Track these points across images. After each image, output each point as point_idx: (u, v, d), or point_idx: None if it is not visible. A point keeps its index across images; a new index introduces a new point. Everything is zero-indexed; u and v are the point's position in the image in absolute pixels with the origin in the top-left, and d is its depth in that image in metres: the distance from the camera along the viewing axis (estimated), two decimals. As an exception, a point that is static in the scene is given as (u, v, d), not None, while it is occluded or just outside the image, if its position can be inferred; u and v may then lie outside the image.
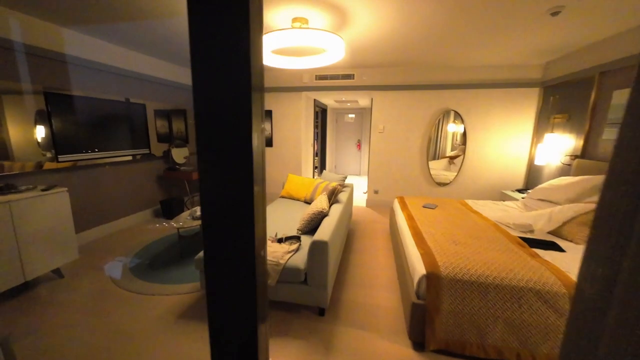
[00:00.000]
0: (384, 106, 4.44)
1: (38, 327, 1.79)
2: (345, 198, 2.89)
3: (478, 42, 2.96)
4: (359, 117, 7.85)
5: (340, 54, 2.52)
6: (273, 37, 2.17)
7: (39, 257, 2.14)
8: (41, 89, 2.58)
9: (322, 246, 1.78)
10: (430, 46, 3.14)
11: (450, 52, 3.35)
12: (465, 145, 4.27)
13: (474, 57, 3.51)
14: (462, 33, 2.71)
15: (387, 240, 3.29)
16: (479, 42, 2.94)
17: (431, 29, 2.64)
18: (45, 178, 2.67)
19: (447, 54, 3.41)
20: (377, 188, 4.73)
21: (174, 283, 2.30)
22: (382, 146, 4.56)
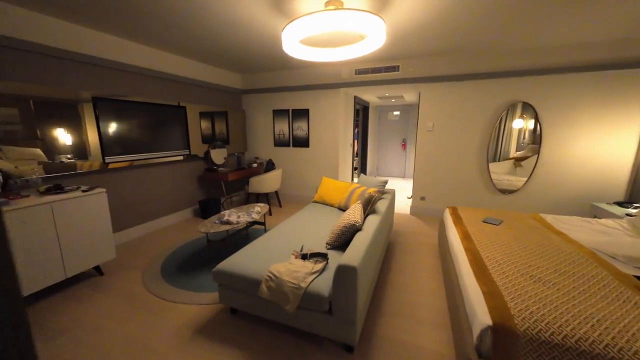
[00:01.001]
0: (434, 101, 3.86)
1: (69, 327, 1.82)
2: (384, 207, 2.49)
3: (561, 14, 2.28)
4: (405, 114, 7.21)
5: (381, 38, 2.13)
6: (301, 24, 1.89)
7: (78, 255, 2.22)
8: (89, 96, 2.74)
9: (349, 273, 1.45)
10: (494, 26, 2.54)
11: (521, 31, 2.69)
12: (539, 144, 3.47)
13: (555, 34, 2.77)
14: (539, 4, 2.09)
15: (435, 258, 2.79)
16: (562, 13, 2.26)
17: (496, 4, 2.08)
18: (92, 179, 2.84)
19: (517, 33, 2.74)
20: (424, 194, 4.16)
21: (198, 290, 2.20)
22: (431, 146, 3.99)
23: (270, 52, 3.47)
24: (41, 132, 2.47)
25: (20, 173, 2.28)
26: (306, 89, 4.51)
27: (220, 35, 2.85)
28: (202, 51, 3.45)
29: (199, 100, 4.12)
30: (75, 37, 2.59)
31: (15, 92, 2.27)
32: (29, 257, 1.92)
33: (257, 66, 4.29)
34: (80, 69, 2.69)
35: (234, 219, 2.66)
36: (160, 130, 3.50)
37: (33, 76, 2.38)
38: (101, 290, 2.24)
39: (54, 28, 2.43)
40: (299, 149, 4.82)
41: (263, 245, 2.06)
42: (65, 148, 2.64)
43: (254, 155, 5.22)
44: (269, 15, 2.36)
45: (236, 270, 1.74)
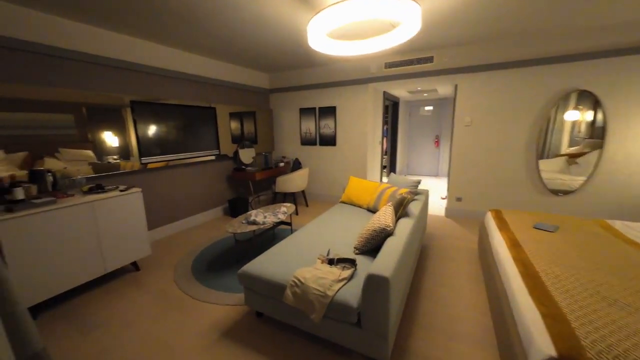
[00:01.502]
0: (473, 93, 3.53)
1: (106, 321, 1.91)
2: (417, 209, 2.30)
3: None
4: (438, 109, 6.78)
5: (416, 25, 1.95)
6: (329, 14, 1.79)
7: (117, 252, 2.35)
8: (128, 100, 2.90)
9: (380, 284, 1.32)
10: (550, 3, 2.21)
11: (582, 7, 2.31)
12: (602, 139, 3.00)
13: (627, 7, 2.34)
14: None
15: (476, 265, 2.53)
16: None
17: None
18: (132, 178, 3.00)
19: (576, 10, 2.36)
20: (461, 195, 3.84)
21: (225, 290, 2.21)
22: (469, 142, 3.66)
23: (296, 49, 3.41)
24: (92, 135, 2.66)
25: (67, 173, 2.46)
26: (333, 85, 4.40)
27: (247, 34, 2.84)
28: (231, 52, 3.49)
29: (228, 101, 4.20)
30: (116, 44, 2.74)
31: (70, 99, 2.47)
32: (72, 253, 2.05)
33: (284, 64, 4.27)
34: (121, 75, 2.85)
35: (260, 219, 2.64)
36: (192, 131, 3.62)
37: (85, 83, 2.56)
38: (137, 286, 2.34)
39: (99, 37, 2.59)
40: (326, 147, 4.73)
41: (288, 248, 2.00)
42: (112, 149, 2.83)
43: (280, 155, 5.23)
44: (294, 9, 2.28)
45: (261, 274, 1.69)
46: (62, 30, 2.37)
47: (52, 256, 1.93)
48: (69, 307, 2.07)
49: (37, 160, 2.31)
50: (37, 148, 2.31)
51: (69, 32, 2.42)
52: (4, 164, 2.13)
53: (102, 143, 2.74)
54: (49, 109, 2.35)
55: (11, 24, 2.10)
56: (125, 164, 2.93)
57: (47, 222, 1.90)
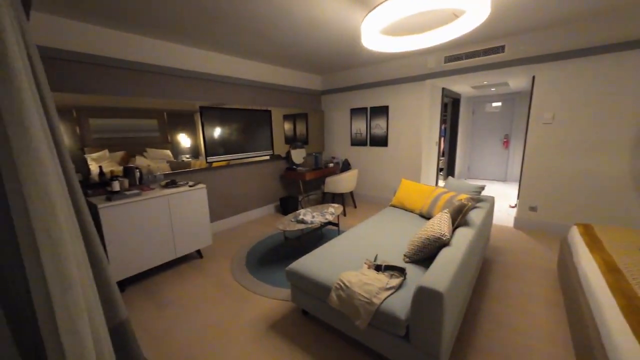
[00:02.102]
0: (555, 84, 3.00)
1: (174, 300, 2.19)
2: (479, 219, 2.05)
3: None
4: (509, 105, 5.97)
5: (484, 11, 1.74)
6: (384, 9, 1.71)
7: (185, 240, 2.66)
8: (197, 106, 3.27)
9: (433, 299, 1.20)
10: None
11: None
12: None
13: None
14: None
15: (554, 289, 2.14)
16: None
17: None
18: (199, 176, 3.38)
19: None
20: (535, 203, 3.30)
21: (274, 285, 2.32)
22: (549, 142, 3.12)
23: (349, 49, 3.38)
24: (170, 137, 3.09)
25: (151, 170, 2.89)
26: (386, 84, 4.24)
27: (301, 38, 2.93)
28: (286, 57, 3.65)
29: (283, 103, 4.41)
30: (189, 57, 3.12)
31: (155, 107, 2.91)
32: (152, 238, 2.40)
33: (336, 65, 4.28)
34: (193, 83, 3.23)
35: (309, 218, 2.69)
36: (250, 133, 3.91)
37: (166, 93, 3.00)
38: (200, 271, 2.62)
39: (176, 52, 2.99)
40: (377, 148, 4.59)
41: (335, 249, 1.99)
42: (185, 150, 3.24)
43: (330, 155, 5.26)
44: (347, 8, 2.26)
45: (307, 273, 1.72)
46: (148, 48, 2.80)
47: (136, 239, 2.30)
48: (148, 284, 2.43)
49: (130, 158, 2.78)
50: (131, 148, 2.78)
51: (154, 49, 2.84)
52: (108, 161, 2.61)
53: (177, 144, 3.16)
54: (139, 115, 2.81)
55: (108, 45, 2.57)
56: (194, 163, 3.32)
57: (134, 211, 2.26)
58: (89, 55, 2.43)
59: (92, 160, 2.53)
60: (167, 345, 1.73)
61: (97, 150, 2.56)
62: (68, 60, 2.33)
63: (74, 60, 2.37)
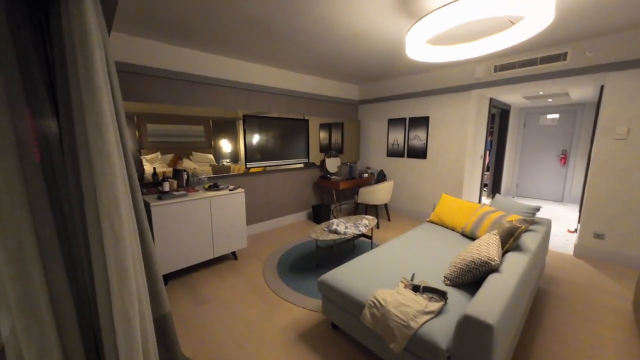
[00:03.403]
0: (631, 95, 2.62)
1: (210, 298, 2.28)
2: (535, 244, 1.84)
3: None
4: (568, 117, 5.37)
5: (548, 17, 1.59)
6: (431, 20, 1.66)
7: (223, 241, 2.79)
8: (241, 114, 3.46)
9: (482, 331, 1.09)
10: None
11: None
12: None
13: None
14: None
15: (629, 334, 1.81)
16: None
17: None
18: (237, 180, 3.54)
19: None
20: (603, 230, 2.88)
21: (304, 294, 2.30)
22: (622, 160, 2.72)
23: (390, 58, 3.33)
24: (214, 142, 3.31)
25: (196, 172, 3.10)
26: (427, 94, 4.08)
27: (343, 48, 2.96)
28: (326, 67, 3.71)
29: (319, 113, 4.48)
30: (235, 69, 3.33)
31: (202, 114, 3.15)
32: (194, 237, 2.55)
33: (376, 75, 4.25)
34: (237, 94, 3.43)
35: (342, 229, 2.65)
36: (287, 141, 4.02)
37: (213, 102, 3.23)
38: (234, 273, 2.71)
39: (223, 64, 3.21)
40: (415, 160, 4.41)
41: (369, 263, 1.92)
42: (226, 154, 3.43)
43: (365, 165, 5.18)
44: (392, 19, 2.24)
45: (340, 286, 1.68)
46: (201, 61, 3.05)
47: (180, 237, 2.46)
48: (188, 280, 2.57)
49: (178, 161, 3.02)
50: (180, 151, 3.02)
51: (206, 62, 3.08)
52: (159, 162, 2.86)
53: (220, 149, 3.36)
54: (189, 122, 3.05)
55: (167, 59, 2.84)
56: (234, 167, 3.49)
57: (180, 211, 2.43)
58: (151, 68, 2.71)
59: (146, 162, 2.79)
60: (201, 340, 1.80)
61: (151, 153, 2.82)
62: (134, 72, 2.63)
63: (140, 73, 2.66)
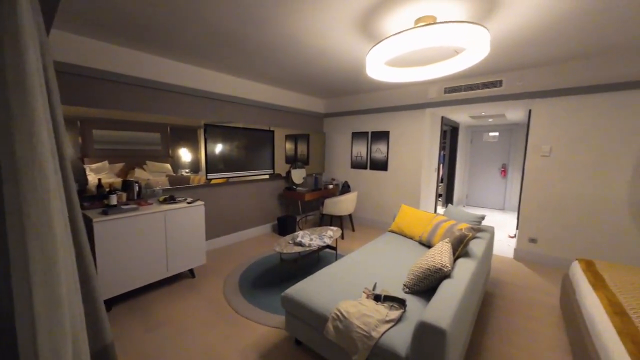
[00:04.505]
0: (552, 119, 3.09)
1: (164, 322, 2.08)
2: (481, 250, 2.02)
3: None
4: (506, 135, 6.12)
5: (484, 51, 1.83)
6: (388, 44, 1.80)
7: (178, 258, 2.59)
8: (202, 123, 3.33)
9: (436, 336, 1.15)
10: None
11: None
12: None
13: None
14: None
15: (558, 328, 2.06)
16: None
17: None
18: (197, 192, 3.36)
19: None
20: (535, 235, 3.28)
21: (268, 310, 2.22)
22: (548, 175, 3.16)
23: (353, 76, 3.51)
24: (172, 151, 3.11)
25: (150, 184, 2.87)
26: (388, 110, 4.36)
27: (309, 64, 3.05)
28: (292, 81, 3.77)
29: (285, 124, 4.49)
30: (198, 77, 3.21)
31: (159, 120, 2.96)
32: (145, 255, 2.33)
33: (340, 90, 4.42)
34: (199, 102, 3.30)
35: (307, 241, 2.64)
36: (252, 152, 3.94)
37: (172, 110, 3.05)
38: (192, 292, 2.52)
39: (184, 71, 3.08)
40: (377, 172, 4.62)
41: (333, 275, 1.93)
42: (185, 164, 3.25)
43: (330, 176, 5.28)
44: (356, 40, 2.38)
45: (303, 300, 1.65)
46: (159, 66, 2.89)
47: (128, 256, 2.23)
48: (136, 303, 2.32)
49: (130, 171, 2.77)
50: (131, 160, 2.78)
51: (165, 68, 2.93)
52: (107, 172, 2.60)
53: (178, 158, 3.17)
54: (143, 128, 2.84)
55: (120, 62, 2.65)
56: (194, 178, 3.31)
57: (129, 226, 2.21)
58: (101, 71, 2.49)
59: (91, 171, 2.51)
60: (149, 373, 1.62)
61: (98, 161, 2.56)
62: (81, 75, 2.39)
63: (88, 76, 2.43)
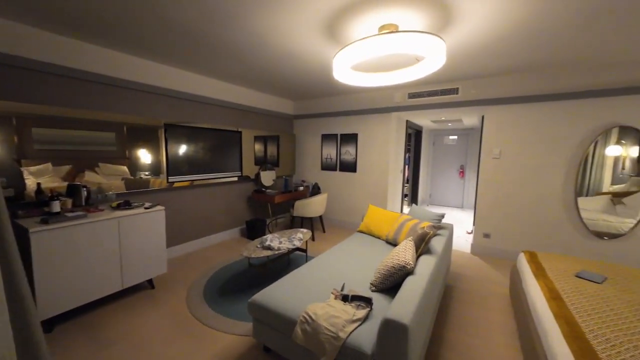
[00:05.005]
0: (502, 125, 3.40)
1: (119, 339, 1.90)
2: (441, 246, 2.15)
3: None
4: (463, 139, 6.60)
5: (441, 60, 1.95)
6: (353, 49, 1.85)
7: (135, 268, 2.39)
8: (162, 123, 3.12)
9: (398, 331, 1.20)
10: (589, 37, 2.14)
11: (624, 41, 2.21)
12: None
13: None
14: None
15: (508, 315, 2.27)
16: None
17: (591, 10, 1.74)
18: (159, 196, 3.14)
19: (619, 43, 2.26)
20: (489, 231, 3.58)
21: (236, 318, 2.14)
22: (498, 176, 3.47)
23: (322, 79, 3.54)
24: (129, 153, 2.87)
25: (102, 188, 2.62)
26: (356, 113, 4.47)
27: (276, 65, 3.01)
28: (260, 81, 3.70)
29: (254, 125, 4.39)
30: (158, 73, 3.01)
31: (114, 119, 2.72)
32: (94, 267, 2.12)
33: (309, 93, 4.43)
34: (160, 100, 3.10)
35: (276, 244, 2.60)
36: (218, 153, 3.79)
37: (128, 108, 2.82)
38: (151, 304, 2.34)
39: (144, 67, 2.87)
40: (346, 173, 4.71)
41: (302, 278, 1.92)
42: (145, 166, 3.03)
43: (300, 179, 5.27)
44: (322, 43, 2.40)
45: (271, 305, 1.62)
46: (114, 61, 2.66)
47: (75, 269, 2.01)
48: (87, 320, 2.10)
49: (79, 174, 2.50)
50: (80, 162, 2.51)
51: (121, 63, 2.70)
52: (50, 176, 2.32)
53: (137, 160, 2.94)
54: (94, 127, 2.59)
55: (68, 55, 2.39)
56: (154, 181, 3.09)
57: (75, 236, 1.99)
58: (37, 62, 2.22)
59: (29, 174, 2.23)
60: (100, 398, 1.47)
61: (38, 163, 2.28)
62: (11, 65, 2.11)
63: (18, 66, 2.14)
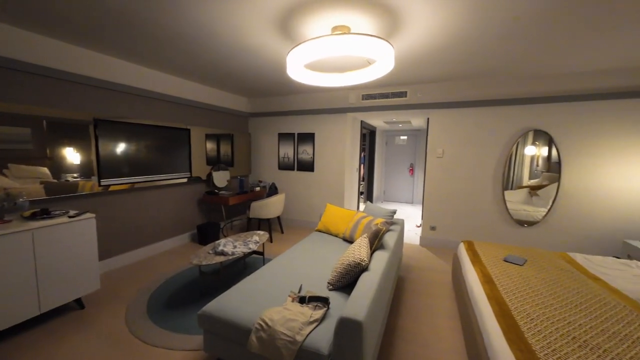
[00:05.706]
0: (444, 127, 3.74)
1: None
2: (393, 241, 2.27)
3: (583, 41, 2.18)
4: (412, 139, 7.11)
5: (389, 64, 2.05)
6: (306, 48, 1.83)
7: (57, 288, 2.04)
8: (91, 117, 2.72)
9: (353, 328, 1.22)
10: (513, 52, 2.45)
11: (541, 57, 2.59)
12: (559, 173, 3.24)
13: (576, 60, 2.66)
14: (561, 31, 1.99)
15: (451, 300, 2.49)
16: (584, 40, 2.16)
17: (518, 28, 2.00)
18: (91, 202, 2.73)
19: (536, 59, 2.65)
20: (434, 224, 3.91)
21: (186, 332, 1.96)
22: (442, 173, 3.80)
23: (277, 76, 3.46)
24: (51, 151, 2.45)
25: (12, 194, 2.17)
26: (313, 113, 4.48)
27: (227, 59, 2.85)
28: (210, 75, 3.47)
29: (205, 123, 4.11)
30: (85, 61, 2.60)
31: (29, 112, 2.28)
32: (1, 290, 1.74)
33: (265, 90, 4.30)
34: (89, 92, 2.69)
35: (230, 249, 2.46)
36: (163, 153, 3.44)
37: (44, 99, 2.37)
38: (79, 328, 2.02)
39: (67, 53, 2.45)
40: (304, 173, 4.70)
41: (258, 283, 1.84)
42: (73, 167, 2.61)
43: (257, 179, 5.11)
44: (276, 40, 2.34)
45: (223, 315, 1.52)
46: (28, 44, 2.22)
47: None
48: None
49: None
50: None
51: (32, 45, 2.26)
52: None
53: (61, 160, 2.52)
54: (2, 122, 2.13)
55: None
56: (85, 184, 2.68)
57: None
58: None
59: None
60: None
61: None
62: None
63: None
